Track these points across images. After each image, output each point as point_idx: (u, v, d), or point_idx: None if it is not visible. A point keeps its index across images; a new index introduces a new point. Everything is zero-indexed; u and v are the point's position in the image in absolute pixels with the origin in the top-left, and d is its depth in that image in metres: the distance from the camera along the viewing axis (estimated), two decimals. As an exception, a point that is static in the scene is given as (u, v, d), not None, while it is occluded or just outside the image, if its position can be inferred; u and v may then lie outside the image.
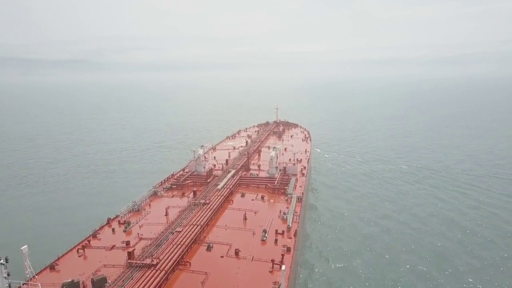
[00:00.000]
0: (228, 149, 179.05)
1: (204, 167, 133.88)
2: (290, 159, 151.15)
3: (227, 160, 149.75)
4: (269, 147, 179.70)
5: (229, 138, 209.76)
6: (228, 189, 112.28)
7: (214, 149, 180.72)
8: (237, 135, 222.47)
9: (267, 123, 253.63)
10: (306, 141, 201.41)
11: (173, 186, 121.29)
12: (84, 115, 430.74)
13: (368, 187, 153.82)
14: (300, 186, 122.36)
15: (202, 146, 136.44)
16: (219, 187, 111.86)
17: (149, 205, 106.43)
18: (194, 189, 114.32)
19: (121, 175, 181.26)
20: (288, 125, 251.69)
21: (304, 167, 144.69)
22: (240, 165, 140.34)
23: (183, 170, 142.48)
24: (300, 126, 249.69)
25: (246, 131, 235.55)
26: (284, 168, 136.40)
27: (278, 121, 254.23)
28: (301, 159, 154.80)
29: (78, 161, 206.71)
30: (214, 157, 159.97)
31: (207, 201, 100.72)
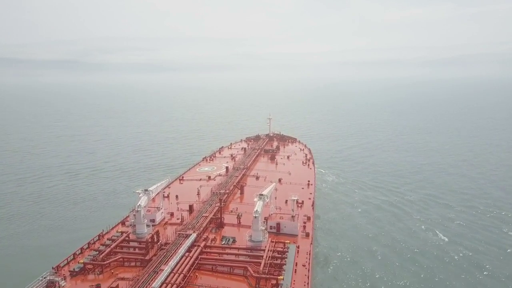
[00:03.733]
0: (200, 179, 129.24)
1: (147, 227, 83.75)
2: (286, 201, 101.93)
3: (191, 207, 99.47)
4: (257, 177, 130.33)
5: (206, 160, 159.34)
6: (175, 286, 62.40)
7: (181, 179, 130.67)
8: (218, 154, 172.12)
9: (258, 137, 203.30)
10: (308, 164, 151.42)
11: (87, 267, 71.08)
12: (38, 122, 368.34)
13: (423, 265, 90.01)
14: (304, 266, 72.82)
15: (146, 190, 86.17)
16: (156, 285, 61.28)
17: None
18: (119, 279, 64.61)
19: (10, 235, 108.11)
20: (283, 139, 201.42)
21: (309, 218, 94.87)
22: (209, 218, 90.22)
23: (123, 223, 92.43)
24: (299, 141, 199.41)
25: (231, 148, 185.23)
26: (278, 225, 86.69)
27: (272, 134, 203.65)
28: (302, 202, 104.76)
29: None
30: (176, 196, 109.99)
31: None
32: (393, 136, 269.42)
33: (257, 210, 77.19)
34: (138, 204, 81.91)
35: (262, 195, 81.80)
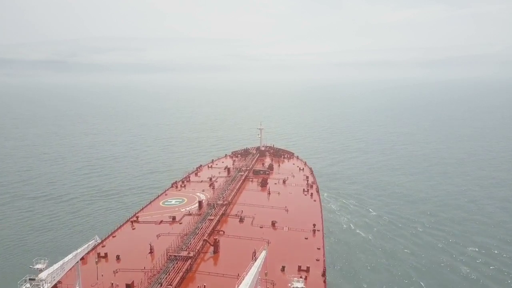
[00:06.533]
0: (161, 221, 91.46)
1: None
2: (284, 268, 65.62)
3: (129, 286, 61.70)
4: (241, 219, 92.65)
5: (176, 186, 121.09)
6: None
7: (134, 220, 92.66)
8: (194, 176, 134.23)
9: (247, 151, 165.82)
10: (311, 193, 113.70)
11: None
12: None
13: None
14: None
15: (32, 280, 47.64)
16: None
17: None
18: None
19: None
20: (278, 154, 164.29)
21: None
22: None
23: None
24: (297, 157, 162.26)
25: (211, 166, 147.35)
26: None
27: (263, 148, 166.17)
28: (307, 269, 67.74)
29: None
30: (117, 257, 72.50)
31: None
32: (416, 146, 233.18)
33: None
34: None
35: (240, 297, 44.09)
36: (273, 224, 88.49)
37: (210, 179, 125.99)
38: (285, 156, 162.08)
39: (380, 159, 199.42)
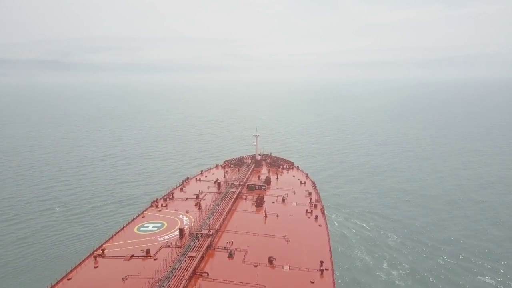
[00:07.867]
0: (131, 256, 73.75)
1: None
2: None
3: None
4: (231, 254, 74.85)
5: (157, 206, 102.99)
6: None
7: (99, 254, 74.92)
8: (179, 191, 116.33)
9: (241, 160, 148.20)
10: (315, 215, 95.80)
11: None
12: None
13: None
14: None
15: None
16: None
17: None
18: None
19: None
20: (275, 163, 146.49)
21: None
22: None
23: None
24: (297, 168, 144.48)
25: (200, 180, 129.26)
26: None
27: (260, 157, 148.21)
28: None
29: None
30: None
31: None
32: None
33: None
34: None
35: None
36: (270, 261, 70.80)
37: (197, 196, 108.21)
38: (284, 166, 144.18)
39: (390, 166, 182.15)
